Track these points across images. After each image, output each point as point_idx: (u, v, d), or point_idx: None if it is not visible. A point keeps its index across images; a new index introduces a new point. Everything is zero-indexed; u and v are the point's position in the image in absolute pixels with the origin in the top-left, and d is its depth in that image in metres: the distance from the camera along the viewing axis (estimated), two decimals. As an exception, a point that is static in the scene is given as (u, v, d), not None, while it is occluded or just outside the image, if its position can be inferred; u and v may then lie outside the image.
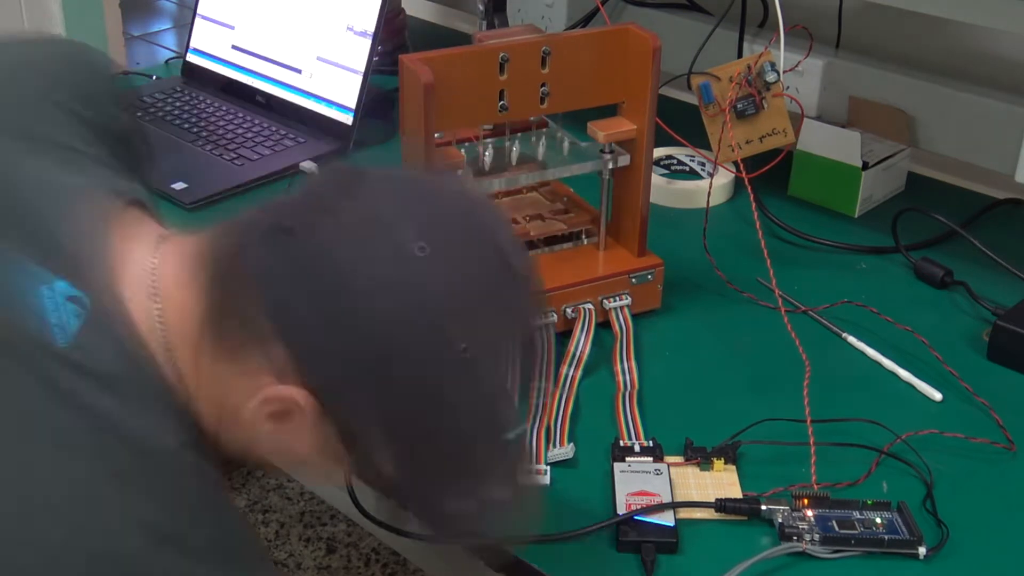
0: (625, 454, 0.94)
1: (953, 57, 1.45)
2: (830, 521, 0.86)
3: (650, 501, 0.88)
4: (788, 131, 1.17)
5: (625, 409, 0.99)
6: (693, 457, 0.93)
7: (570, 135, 1.13)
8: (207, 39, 1.64)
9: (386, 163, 1.45)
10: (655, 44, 1.03)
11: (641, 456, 0.93)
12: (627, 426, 0.97)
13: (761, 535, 0.87)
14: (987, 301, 1.15)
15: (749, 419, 0.97)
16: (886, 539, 0.85)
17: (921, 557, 0.84)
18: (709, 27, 1.45)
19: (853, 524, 0.86)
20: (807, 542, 0.84)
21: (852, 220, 1.33)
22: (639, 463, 0.92)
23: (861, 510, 0.88)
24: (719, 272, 1.17)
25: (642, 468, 0.91)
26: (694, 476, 0.92)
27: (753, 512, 0.87)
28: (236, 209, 1.32)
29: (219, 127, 1.51)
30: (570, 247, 1.13)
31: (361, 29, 1.46)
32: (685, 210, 1.34)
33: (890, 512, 0.88)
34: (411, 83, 0.96)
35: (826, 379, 1.05)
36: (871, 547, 0.85)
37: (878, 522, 0.86)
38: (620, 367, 1.04)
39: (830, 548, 0.84)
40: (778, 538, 0.86)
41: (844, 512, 0.87)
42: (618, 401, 1.00)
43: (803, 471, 0.92)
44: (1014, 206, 1.37)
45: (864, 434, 0.96)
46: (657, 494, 0.88)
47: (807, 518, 0.86)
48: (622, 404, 1.00)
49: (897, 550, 0.85)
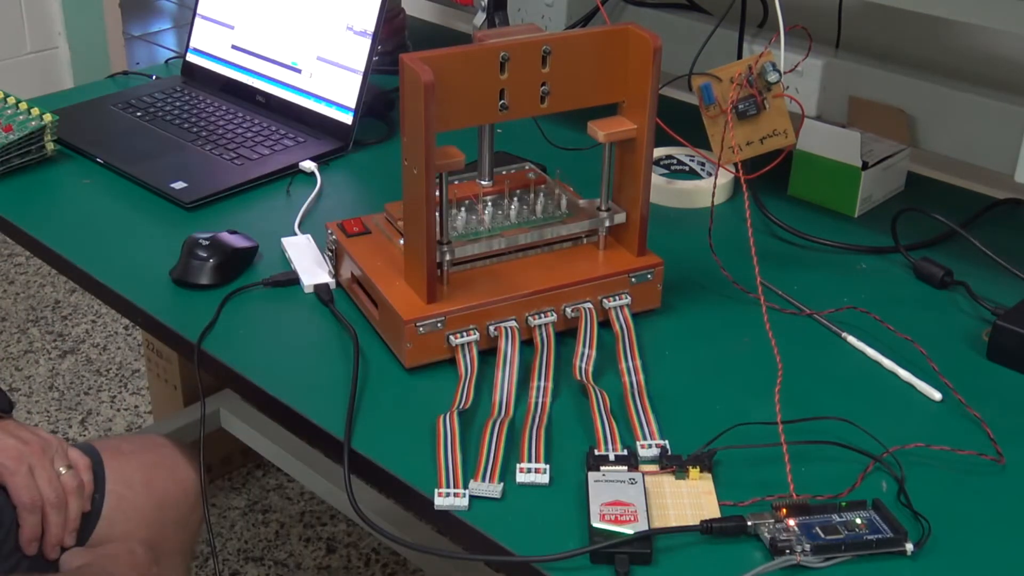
0: (600, 463, 0.92)
1: (953, 57, 1.45)
2: (814, 528, 0.85)
3: (624, 511, 0.87)
4: (789, 132, 1.17)
5: (637, 407, 0.99)
6: (668, 465, 0.92)
7: (567, 193, 1.15)
8: (207, 39, 1.64)
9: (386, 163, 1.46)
10: (656, 44, 1.03)
11: (616, 465, 0.92)
12: (640, 424, 0.97)
13: (751, 550, 0.85)
14: (987, 301, 1.15)
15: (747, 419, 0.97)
16: (874, 540, 0.84)
17: (909, 553, 0.84)
18: (709, 27, 1.45)
19: (836, 528, 0.85)
20: (800, 554, 0.83)
21: (852, 220, 1.33)
22: (614, 472, 0.91)
23: (839, 512, 0.87)
24: (725, 272, 1.16)
25: (616, 477, 0.90)
26: (670, 485, 0.91)
27: (739, 530, 0.86)
28: (236, 208, 1.34)
29: (219, 127, 1.51)
30: (570, 247, 1.13)
31: (361, 29, 1.46)
32: (685, 210, 1.35)
33: (867, 511, 0.87)
34: (411, 83, 0.96)
35: (826, 379, 1.05)
36: (861, 550, 0.84)
37: (859, 523, 0.86)
38: (625, 366, 1.04)
39: (822, 557, 0.84)
40: (769, 552, 0.84)
41: (824, 517, 0.86)
42: (628, 400, 1.00)
43: (781, 475, 0.91)
44: (1014, 206, 1.37)
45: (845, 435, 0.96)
46: (631, 503, 0.87)
47: (790, 528, 0.85)
48: (632, 403, 1.00)
49: (886, 550, 0.84)
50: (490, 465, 0.92)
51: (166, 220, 1.32)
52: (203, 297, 1.15)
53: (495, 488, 0.90)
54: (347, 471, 0.94)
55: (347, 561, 1.97)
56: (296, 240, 1.24)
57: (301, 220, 1.30)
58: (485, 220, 1.10)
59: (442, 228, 1.05)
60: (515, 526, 0.88)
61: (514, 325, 1.05)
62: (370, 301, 1.10)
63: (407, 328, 1.02)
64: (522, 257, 1.11)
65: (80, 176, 1.41)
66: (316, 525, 2.05)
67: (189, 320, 1.12)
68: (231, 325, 1.12)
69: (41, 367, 2.47)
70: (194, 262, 1.17)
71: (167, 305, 1.16)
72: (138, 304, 1.16)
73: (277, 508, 2.09)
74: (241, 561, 1.97)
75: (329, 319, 1.13)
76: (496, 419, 0.97)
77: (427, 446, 0.95)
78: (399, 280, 1.07)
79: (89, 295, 1.91)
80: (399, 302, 1.04)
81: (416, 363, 1.04)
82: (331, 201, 1.36)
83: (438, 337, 1.03)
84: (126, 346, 2.54)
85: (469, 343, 1.03)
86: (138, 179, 1.38)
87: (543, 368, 1.03)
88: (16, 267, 2.85)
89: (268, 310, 1.15)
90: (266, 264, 1.22)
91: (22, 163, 1.41)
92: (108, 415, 2.33)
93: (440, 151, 1.00)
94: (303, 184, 1.39)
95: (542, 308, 1.06)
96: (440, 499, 0.89)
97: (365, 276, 1.09)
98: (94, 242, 1.27)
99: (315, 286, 1.16)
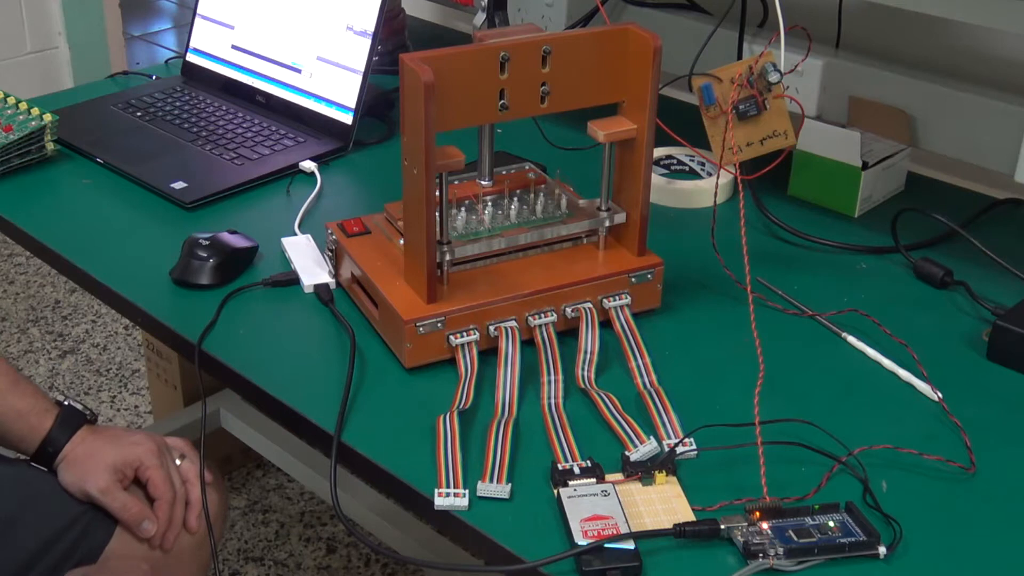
0: (566, 478, 0.90)
1: (953, 57, 1.45)
2: (787, 532, 0.85)
3: (606, 525, 0.84)
4: (789, 133, 1.17)
5: (657, 405, 0.99)
6: (633, 472, 0.90)
7: (567, 193, 1.15)
8: (207, 39, 1.64)
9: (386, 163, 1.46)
10: (656, 44, 1.03)
11: (582, 478, 0.89)
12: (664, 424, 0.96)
13: (725, 554, 0.85)
14: (987, 301, 1.15)
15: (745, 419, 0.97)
16: (847, 544, 0.84)
17: (882, 556, 0.84)
18: (709, 27, 1.45)
19: (809, 531, 0.85)
20: (773, 557, 0.83)
21: (852, 220, 1.33)
22: (584, 486, 0.89)
23: (812, 515, 0.86)
24: (728, 272, 1.16)
25: (588, 491, 0.88)
26: (639, 493, 0.89)
27: (712, 533, 0.85)
28: (236, 208, 1.34)
29: (219, 127, 1.51)
30: (570, 247, 1.13)
31: (361, 29, 1.46)
32: (685, 210, 1.35)
33: (840, 513, 0.87)
34: (411, 82, 0.96)
35: (826, 379, 1.05)
36: (834, 554, 0.84)
37: (832, 526, 0.85)
38: (635, 364, 1.04)
39: (795, 560, 0.83)
40: (743, 556, 0.84)
41: (797, 520, 0.86)
42: (646, 399, 1.00)
43: (747, 475, 0.91)
44: (1014, 206, 1.37)
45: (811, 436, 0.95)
46: (610, 516, 0.85)
47: (764, 532, 0.85)
48: (652, 401, 0.99)
49: (859, 553, 0.84)
50: (497, 466, 0.92)
51: (166, 220, 1.32)
52: (203, 297, 1.15)
53: (503, 489, 0.90)
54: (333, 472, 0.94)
55: (347, 561, 1.97)
56: (296, 240, 1.24)
57: (301, 220, 1.30)
58: (485, 220, 1.10)
59: (442, 228, 1.05)
60: (515, 526, 0.88)
61: (514, 325, 1.05)
62: (370, 301, 1.10)
63: (407, 328, 1.02)
64: (522, 257, 1.11)
65: (80, 176, 1.41)
66: (316, 525, 2.05)
67: (189, 320, 1.12)
68: (231, 325, 1.12)
69: (41, 367, 2.47)
70: (194, 262, 1.17)
71: (167, 305, 1.16)
72: (138, 304, 1.16)
73: (277, 508, 2.09)
74: (241, 561, 1.97)
75: (329, 319, 1.13)
76: (501, 419, 0.97)
77: (427, 446, 0.95)
78: (399, 280, 1.07)
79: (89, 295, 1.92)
80: (399, 302, 1.04)
81: (416, 363, 1.04)
82: (331, 201, 1.36)
83: (438, 337, 1.03)
84: (126, 346, 2.54)
85: (469, 343, 1.03)
86: (138, 179, 1.38)
87: (550, 364, 1.02)
88: (16, 267, 2.85)
89: (268, 310, 1.15)
90: (266, 264, 1.22)
91: (22, 163, 1.41)
92: (108, 415, 2.32)
93: (440, 151, 1.00)
94: (303, 184, 1.39)
95: (542, 308, 1.06)
96: (440, 499, 0.89)
97: (365, 276, 1.09)
98: (94, 242, 1.27)
99: (315, 286, 1.16)
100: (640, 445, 0.94)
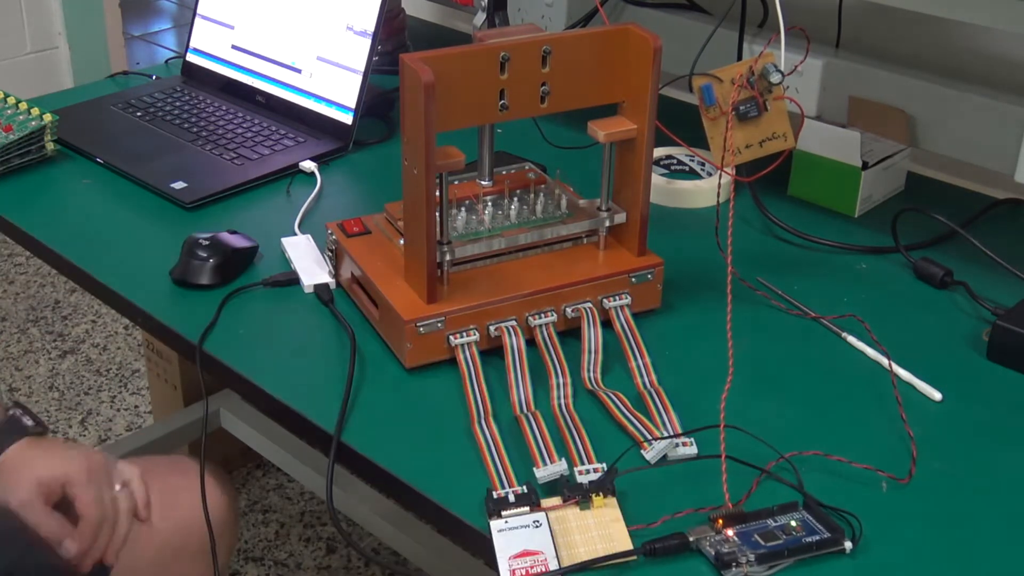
0: (500, 508, 0.84)
1: (953, 57, 1.45)
2: (753, 536, 0.84)
3: (534, 562, 0.80)
4: (788, 135, 1.16)
5: (656, 405, 0.99)
6: (571, 496, 0.86)
7: (567, 193, 1.15)
8: (207, 39, 1.64)
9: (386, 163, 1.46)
10: (656, 44, 1.03)
11: (517, 507, 0.84)
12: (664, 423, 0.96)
13: (697, 565, 0.83)
14: (987, 301, 1.15)
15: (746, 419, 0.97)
16: (813, 543, 0.83)
17: (848, 551, 0.84)
18: (709, 27, 1.45)
19: (774, 534, 0.84)
20: (746, 565, 0.82)
21: (852, 220, 1.33)
22: (516, 517, 0.84)
23: (773, 516, 0.86)
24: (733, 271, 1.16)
25: (520, 523, 0.83)
26: (575, 519, 0.84)
27: (682, 547, 0.83)
28: (236, 208, 1.34)
29: (219, 127, 1.51)
30: (570, 247, 1.13)
31: (361, 29, 1.46)
32: (685, 210, 1.35)
33: (799, 511, 0.87)
34: (411, 83, 0.96)
35: (825, 379, 1.05)
36: (802, 554, 0.83)
37: (794, 525, 0.85)
38: (635, 364, 1.04)
39: (767, 566, 0.82)
40: (714, 567, 0.82)
41: (760, 524, 0.85)
42: (646, 399, 1.00)
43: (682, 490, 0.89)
44: (1014, 206, 1.37)
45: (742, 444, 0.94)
46: (539, 551, 0.80)
47: (730, 539, 0.83)
48: (652, 401, 0.99)
49: (826, 550, 0.84)
50: (543, 448, 0.91)
51: (166, 220, 1.32)
52: (203, 297, 1.15)
53: (559, 466, 0.89)
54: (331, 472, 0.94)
55: (347, 561, 1.97)
56: (296, 240, 1.24)
57: (301, 220, 1.30)
58: (485, 220, 1.10)
59: (442, 228, 1.05)
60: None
61: (514, 325, 1.05)
62: (370, 301, 1.10)
63: (407, 328, 1.02)
64: (522, 257, 1.11)
65: (80, 176, 1.41)
66: (316, 525, 2.05)
67: (189, 320, 1.12)
68: (231, 325, 1.12)
69: (41, 367, 2.48)
70: (194, 262, 1.17)
71: (167, 305, 1.16)
72: (138, 304, 1.16)
73: (277, 508, 2.09)
74: (241, 561, 1.97)
75: (329, 319, 1.13)
76: (525, 413, 0.97)
77: (428, 446, 0.95)
78: (399, 280, 1.07)
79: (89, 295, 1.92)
80: (399, 302, 1.04)
81: (416, 363, 1.04)
82: (331, 201, 1.36)
83: (438, 337, 1.03)
84: (126, 346, 2.54)
85: (469, 343, 1.03)
86: (138, 179, 1.38)
87: (557, 366, 1.02)
88: (16, 267, 2.85)
89: (268, 310, 1.15)
90: (266, 264, 1.22)
91: (22, 163, 1.41)
92: (108, 415, 2.33)
93: (440, 151, 1.00)
94: (303, 184, 1.39)
95: (542, 308, 1.06)
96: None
97: (365, 276, 1.09)
98: (94, 242, 1.27)
99: (315, 286, 1.16)
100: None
